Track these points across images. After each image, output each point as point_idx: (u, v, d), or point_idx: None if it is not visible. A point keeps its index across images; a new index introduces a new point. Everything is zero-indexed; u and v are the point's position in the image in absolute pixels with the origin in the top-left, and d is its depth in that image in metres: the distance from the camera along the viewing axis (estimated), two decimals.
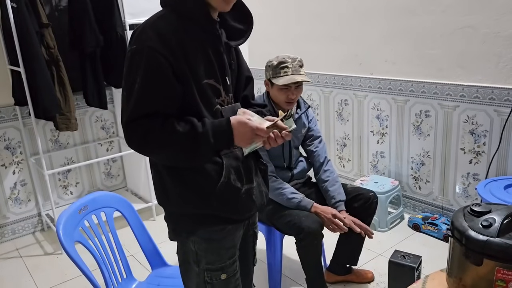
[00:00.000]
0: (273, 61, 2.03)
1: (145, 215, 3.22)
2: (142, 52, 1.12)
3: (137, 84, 1.11)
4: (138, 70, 1.12)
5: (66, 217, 1.60)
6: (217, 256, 1.30)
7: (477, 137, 2.57)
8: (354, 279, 2.34)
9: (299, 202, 2.03)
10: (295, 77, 1.98)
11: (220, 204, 1.23)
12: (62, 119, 2.84)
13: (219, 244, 1.29)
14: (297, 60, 2.02)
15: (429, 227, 2.74)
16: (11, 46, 2.59)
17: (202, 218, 1.26)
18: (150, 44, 1.12)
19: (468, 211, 1.17)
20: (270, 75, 2.04)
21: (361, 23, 3.00)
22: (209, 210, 1.24)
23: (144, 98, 1.12)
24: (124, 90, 1.16)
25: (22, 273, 2.67)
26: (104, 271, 1.64)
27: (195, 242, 1.29)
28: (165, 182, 1.24)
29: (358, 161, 3.32)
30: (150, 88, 1.12)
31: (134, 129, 1.13)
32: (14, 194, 3.07)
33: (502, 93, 2.40)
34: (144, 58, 1.11)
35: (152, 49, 1.11)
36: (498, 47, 2.37)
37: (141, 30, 1.16)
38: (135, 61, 1.13)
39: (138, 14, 2.87)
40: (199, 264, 1.30)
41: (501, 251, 1.04)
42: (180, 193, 1.23)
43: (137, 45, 1.14)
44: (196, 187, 1.22)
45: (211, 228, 1.28)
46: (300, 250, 2.02)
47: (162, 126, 1.13)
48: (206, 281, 1.30)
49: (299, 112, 2.18)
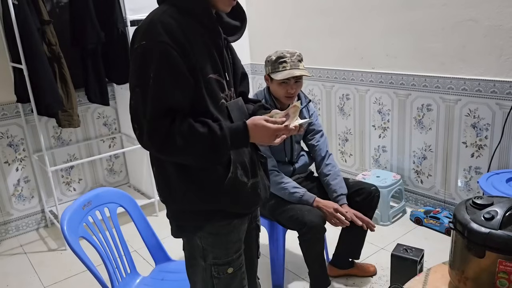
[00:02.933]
0: (272, 56, 2.03)
1: (148, 211, 3.24)
2: (155, 48, 1.11)
3: (152, 79, 1.11)
4: (152, 65, 1.11)
5: (70, 213, 1.61)
6: (224, 251, 1.31)
7: (479, 131, 2.57)
8: (357, 272, 2.35)
9: (301, 196, 2.03)
10: (293, 71, 1.99)
11: (227, 199, 1.24)
12: (65, 116, 2.84)
13: (226, 238, 1.30)
14: (296, 54, 2.03)
15: (431, 220, 2.75)
16: (13, 43, 2.59)
17: (209, 214, 1.26)
18: (162, 39, 1.11)
19: (471, 204, 1.18)
20: (269, 70, 2.04)
21: (362, 17, 3.00)
22: (217, 206, 1.25)
23: (161, 93, 1.11)
24: (136, 87, 1.14)
25: (27, 269, 2.69)
26: (109, 267, 1.66)
27: (202, 237, 1.30)
28: (171, 179, 1.24)
29: (360, 155, 3.32)
30: (166, 83, 1.12)
31: (156, 129, 1.11)
32: (17, 191, 3.08)
33: (504, 86, 2.39)
34: (158, 53, 1.11)
35: (164, 44, 1.11)
36: (500, 40, 2.36)
37: (148, 26, 1.15)
38: (147, 56, 1.12)
39: (139, 10, 2.86)
40: (206, 259, 1.31)
41: (503, 243, 1.04)
42: (187, 190, 1.23)
43: (148, 41, 1.13)
44: (204, 183, 1.22)
45: (218, 223, 1.28)
46: (303, 245, 2.03)
47: (182, 127, 1.12)
48: (213, 275, 1.31)
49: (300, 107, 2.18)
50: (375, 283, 2.29)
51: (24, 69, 2.55)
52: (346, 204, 2.08)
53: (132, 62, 1.16)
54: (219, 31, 1.25)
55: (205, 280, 1.33)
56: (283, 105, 2.11)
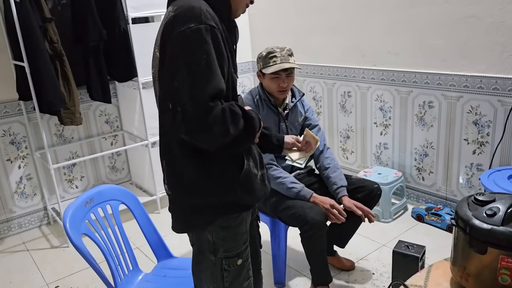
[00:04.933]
0: (263, 52, 2.08)
1: (150, 208, 3.24)
2: (206, 31, 1.11)
3: (204, 61, 1.10)
4: (205, 46, 1.11)
5: (72, 210, 1.61)
6: (234, 243, 1.32)
7: (480, 128, 2.56)
8: (334, 263, 2.38)
9: (298, 191, 2.04)
10: (283, 64, 2.02)
11: (243, 191, 1.26)
12: (67, 114, 2.85)
13: (236, 230, 1.32)
14: (286, 49, 2.06)
15: (433, 217, 2.75)
16: (15, 41, 2.60)
17: (222, 207, 1.27)
18: (212, 23, 1.13)
19: (472, 200, 1.18)
20: (261, 66, 2.09)
21: (363, 14, 2.99)
22: (233, 198, 1.26)
23: (213, 76, 1.11)
24: (183, 67, 1.11)
25: (30, 266, 2.70)
26: (111, 263, 1.66)
27: (213, 231, 1.30)
28: (186, 173, 1.23)
29: (361, 152, 3.32)
30: (216, 66, 1.13)
31: (208, 112, 1.09)
32: (20, 188, 3.09)
33: (506, 83, 2.39)
34: (209, 36, 1.11)
35: (215, 29, 1.13)
36: (502, 36, 2.36)
37: (194, 11, 1.13)
38: (198, 38, 1.11)
39: (140, 8, 2.86)
40: (216, 253, 1.31)
41: (505, 239, 1.04)
42: (204, 183, 1.23)
43: (198, 24, 1.11)
44: (220, 176, 1.23)
45: (229, 216, 1.30)
46: (305, 242, 2.04)
47: (227, 111, 1.13)
48: (223, 268, 1.32)
49: (294, 101, 2.19)
50: (377, 279, 2.29)
51: (26, 67, 2.55)
52: (347, 196, 2.08)
53: (176, 44, 1.13)
54: (236, 36, 1.31)
55: (215, 274, 1.33)
56: (277, 100, 2.14)
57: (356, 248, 2.53)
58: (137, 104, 3.16)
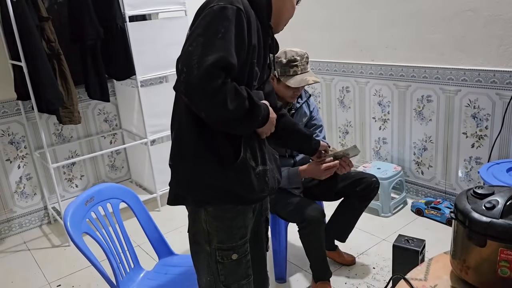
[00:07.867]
0: (281, 58, 2.00)
1: (150, 206, 3.25)
2: (232, 10, 1.17)
3: (222, 34, 1.14)
4: (225, 22, 1.15)
5: (73, 209, 1.61)
6: (228, 235, 1.33)
7: (479, 121, 2.57)
8: (335, 257, 2.39)
9: (286, 174, 2.03)
10: (306, 78, 1.98)
11: (236, 179, 1.26)
12: (65, 113, 2.84)
13: (230, 223, 1.32)
14: (305, 57, 2.03)
15: (432, 211, 2.76)
16: (12, 40, 2.59)
17: (215, 190, 1.28)
18: (239, 6, 1.18)
19: (471, 193, 1.18)
20: (279, 73, 2.01)
21: (361, 9, 2.99)
22: (226, 184, 1.26)
23: (226, 49, 1.14)
24: (201, 36, 1.15)
25: (31, 265, 2.71)
26: (112, 262, 1.66)
27: (207, 220, 1.32)
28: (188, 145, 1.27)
29: (360, 147, 3.32)
30: (232, 43, 1.16)
31: (211, 77, 1.11)
32: (20, 188, 3.09)
33: (504, 76, 2.39)
34: (234, 15, 1.16)
35: (240, 11, 1.18)
36: (499, 30, 2.36)
37: None
38: (223, 14, 1.16)
39: (137, 6, 2.85)
40: (210, 243, 1.33)
41: (504, 232, 1.05)
42: (202, 156, 1.25)
43: (226, 3, 1.17)
44: (219, 153, 1.25)
45: (222, 206, 1.31)
46: (303, 238, 2.04)
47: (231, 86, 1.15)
48: (217, 260, 1.33)
49: (300, 102, 2.18)
50: (377, 273, 2.30)
51: (24, 67, 2.55)
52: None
53: (202, 18, 1.18)
54: (270, 31, 1.33)
55: (210, 265, 1.35)
56: (284, 102, 2.11)
57: (357, 243, 2.54)
58: (136, 102, 3.15)
